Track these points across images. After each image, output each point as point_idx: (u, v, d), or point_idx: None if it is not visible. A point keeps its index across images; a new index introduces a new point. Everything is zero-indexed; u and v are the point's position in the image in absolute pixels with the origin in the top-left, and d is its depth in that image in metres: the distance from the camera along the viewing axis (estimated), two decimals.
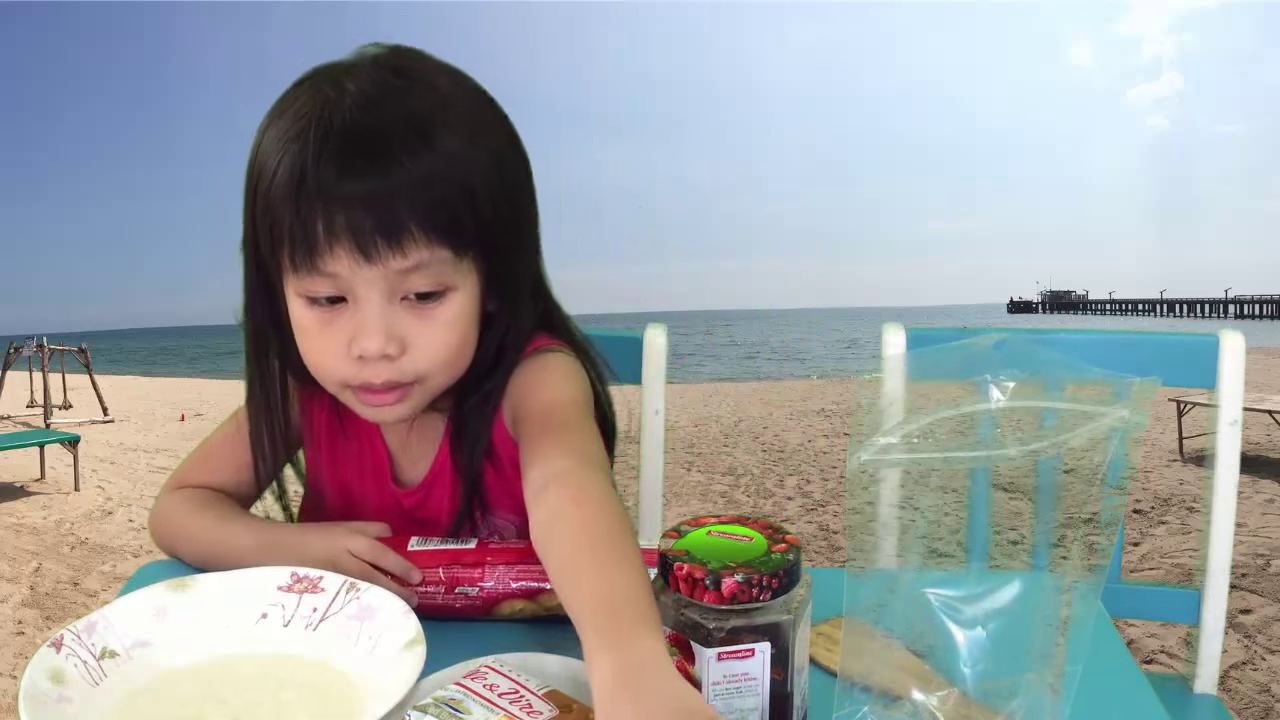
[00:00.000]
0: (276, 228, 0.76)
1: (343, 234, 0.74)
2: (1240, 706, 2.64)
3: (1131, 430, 0.62)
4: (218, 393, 15.62)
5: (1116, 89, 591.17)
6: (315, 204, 0.74)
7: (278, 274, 0.81)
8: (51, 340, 10.32)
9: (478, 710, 0.56)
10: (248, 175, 0.80)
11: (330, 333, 0.79)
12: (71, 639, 0.65)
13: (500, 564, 0.79)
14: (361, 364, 0.79)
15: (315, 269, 0.76)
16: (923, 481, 0.65)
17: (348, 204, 0.74)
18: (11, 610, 3.66)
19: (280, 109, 0.79)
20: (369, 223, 0.74)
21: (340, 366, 0.80)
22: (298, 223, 0.75)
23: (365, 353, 0.78)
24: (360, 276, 0.76)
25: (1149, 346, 1.29)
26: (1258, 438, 6.50)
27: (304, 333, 0.81)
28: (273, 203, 0.76)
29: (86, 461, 6.77)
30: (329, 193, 0.74)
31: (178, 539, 0.91)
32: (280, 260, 0.78)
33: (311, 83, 0.79)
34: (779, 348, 36.50)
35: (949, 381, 0.67)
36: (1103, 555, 0.62)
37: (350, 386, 0.82)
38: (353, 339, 0.78)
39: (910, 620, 0.65)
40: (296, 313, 0.81)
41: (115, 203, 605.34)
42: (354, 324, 0.78)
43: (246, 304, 0.87)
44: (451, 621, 0.79)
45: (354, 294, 0.77)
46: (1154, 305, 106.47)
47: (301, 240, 0.75)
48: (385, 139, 0.75)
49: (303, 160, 0.74)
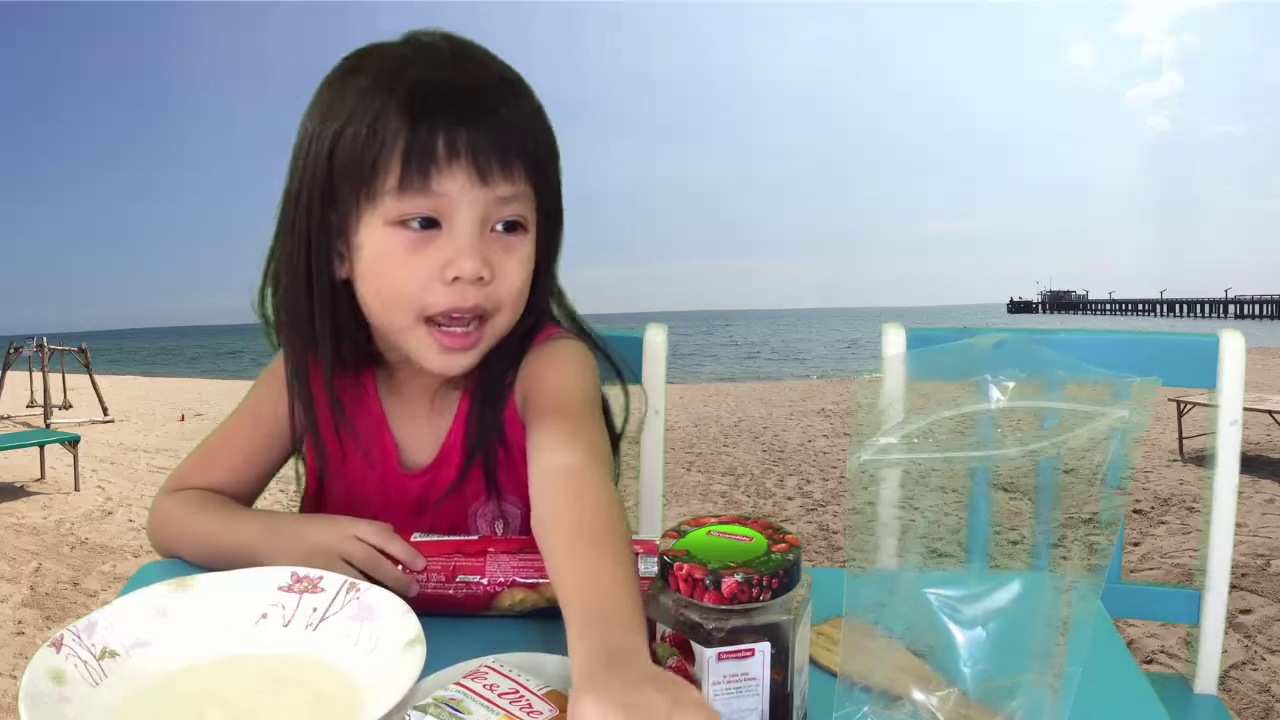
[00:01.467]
0: (381, 153, 0.79)
1: (464, 152, 0.79)
2: (1240, 706, 2.64)
3: (1131, 430, 0.62)
4: (218, 393, 15.62)
5: (1116, 89, 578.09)
6: (438, 121, 0.78)
7: (353, 214, 0.82)
8: (51, 340, 10.31)
9: (478, 710, 0.56)
10: (313, 132, 0.83)
11: (420, 257, 0.81)
12: (71, 639, 0.65)
13: (502, 553, 0.80)
14: (451, 288, 0.82)
15: (427, 186, 0.79)
16: (923, 481, 0.65)
17: (470, 124, 0.79)
18: (11, 610, 3.66)
19: (350, 72, 0.83)
20: (487, 144, 0.79)
21: (425, 293, 0.82)
22: (414, 140, 0.78)
23: (463, 273, 0.81)
24: (468, 198, 0.80)
25: (1149, 346, 1.29)
26: (1258, 438, 6.50)
27: (388, 260, 0.82)
28: (377, 130, 0.79)
29: (86, 461, 6.77)
30: (453, 113, 0.79)
31: (178, 538, 0.91)
32: (374, 189, 0.80)
33: (378, 52, 0.84)
34: (779, 348, 36.50)
35: (949, 381, 0.67)
36: (1103, 555, 0.62)
37: (430, 320, 0.83)
38: (448, 263, 0.81)
39: (910, 620, 0.65)
40: (380, 243, 0.82)
41: (115, 203, 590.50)
42: (449, 248, 0.81)
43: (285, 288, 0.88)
44: (452, 620, 0.79)
45: (452, 218, 0.81)
46: (1154, 305, 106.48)
47: (418, 157, 0.78)
48: (489, 81, 0.82)
49: (419, 87, 0.79)
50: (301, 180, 0.84)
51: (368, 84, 0.81)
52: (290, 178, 0.86)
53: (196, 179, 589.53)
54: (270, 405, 0.97)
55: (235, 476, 0.96)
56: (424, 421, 0.95)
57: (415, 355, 0.86)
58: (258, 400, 0.99)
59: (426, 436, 0.95)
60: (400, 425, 0.96)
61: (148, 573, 0.86)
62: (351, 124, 0.80)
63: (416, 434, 0.96)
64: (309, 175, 0.83)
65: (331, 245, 0.85)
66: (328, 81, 0.85)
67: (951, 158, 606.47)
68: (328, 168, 0.82)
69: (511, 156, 0.81)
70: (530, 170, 0.83)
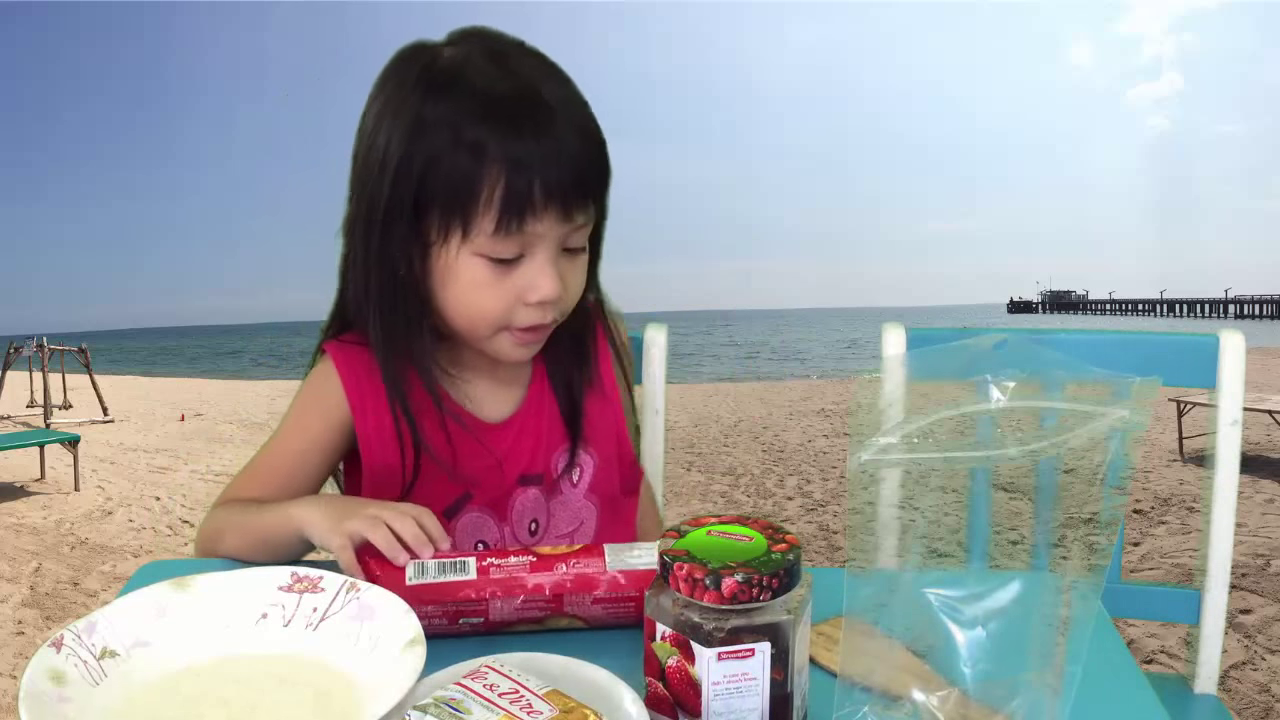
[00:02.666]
0: (480, 197, 0.84)
1: (555, 196, 0.85)
2: (1240, 706, 2.64)
3: (1131, 430, 0.62)
4: (218, 393, 15.62)
5: (1116, 89, 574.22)
6: (533, 171, 0.84)
7: (438, 237, 0.87)
8: (51, 340, 10.31)
9: (478, 710, 0.56)
10: (394, 147, 0.87)
11: (505, 285, 0.88)
12: (71, 639, 0.65)
13: (503, 597, 0.76)
14: (532, 308, 0.90)
15: (522, 230, 0.85)
16: (923, 481, 0.65)
17: (559, 169, 0.85)
18: (11, 610, 3.66)
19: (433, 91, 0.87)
20: (575, 189, 0.86)
21: (509, 313, 0.90)
22: (513, 188, 0.84)
23: (545, 297, 0.89)
24: (554, 233, 0.87)
25: (1149, 346, 1.29)
26: (1258, 438, 6.50)
27: (477, 286, 0.89)
28: (469, 174, 0.84)
29: (86, 461, 6.77)
30: (549, 163, 0.84)
31: (232, 539, 0.91)
32: (469, 226, 0.86)
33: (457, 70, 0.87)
34: (779, 348, 36.49)
35: (949, 381, 0.67)
36: (1103, 555, 0.62)
37: (509, 329, 0.91)
38: (530, 287, 0.88)
39: (910, 620, 0.65)
40: (467, 270, 0.88)
41: (115, 203, 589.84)
42: (532, 274, 0.88)
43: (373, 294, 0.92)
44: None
45: (535, 249, 0.88)
46: (1154, 305, 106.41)
47: (516, 205, 0.84)
48: (570, 112, 0.87)
49: (517, 135, 0.84)
50: (390, 193, 0.88)
51: (459, 115, 0.85)
52: (365, 185, 0.90)
53: (196, 179, 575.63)
54: (317, 416, 0.98)
55: (284, 490, 0.96)
56: (494, 388, 1.01)
57: (489, 350, 0.94)
58: (303, 414, 0.99)
59: (503, 395, 1.01)
60: (467, 392, 1.00)
61: (148, 573, 0.86)
62: (446, 158, 0.85)
63: (491, 399, 1.01)
64: (397, 192, 0.87)
65: (411, 250, 0.90)
66: (399, 87, 0.89)
67: (951, 158, 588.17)
68: (416, 189, 0.87)
69: (590, 189, 0.88)
70: (602, 192, 0.91)
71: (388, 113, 0.88)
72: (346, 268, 0.95)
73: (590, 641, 0.71)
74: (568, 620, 0.78)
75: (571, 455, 1.02)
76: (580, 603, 0.77)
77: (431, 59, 0.89)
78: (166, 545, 4.76)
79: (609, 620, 0.78)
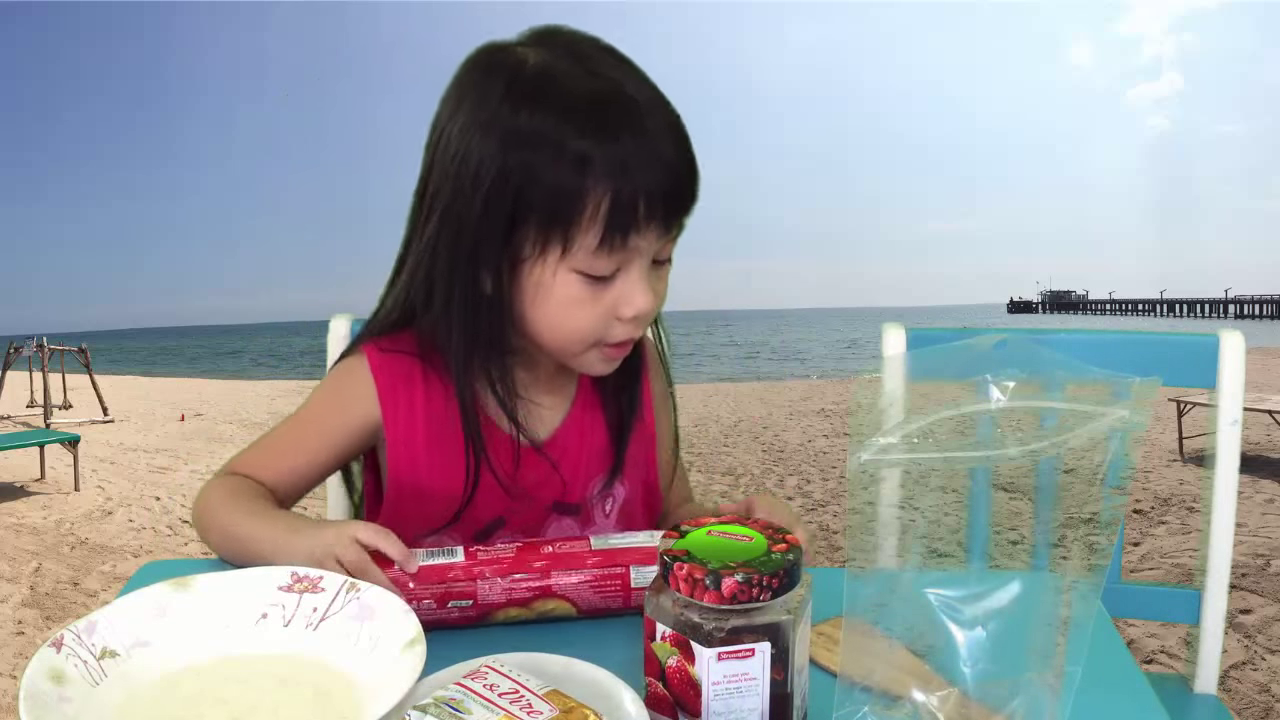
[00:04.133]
0: (585, 211, 0.81)
1: (658, 210, 0.83)
2: (1240, 706, 2.64)
3: (1131, 430, 0.62)
4: (218, 393, 15.62)
5: (1116, 89, 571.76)
6: (637, 184, 0.81)
7: (533, 251, 0.84)
8: (51, 340, 10.31)
9: (478, 710, 0.56)
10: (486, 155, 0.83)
11: (601, 300, 0.86)
12: (71, 639, 0.65)
13: (493, 575, 0.78)
14: (627, 323, 0.88)
15: (625, 245, 0.83)
16: (923, 481, 0.65)
17: (662, 178, 0.83)
18: (11, 610, 3.66)
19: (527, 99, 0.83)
20: (677, 203, 0.85)
21: (604, 329, 0.88)
22: (618, 204, 0.81)
23: (642, 313, 0.87)
24: (653, 247, 0.85)
25: (1149, 346, 1.29)
26: (1258, 438, 6.50)
27: (572, 303, 0.86)
28: (573, 188, 0.81)
29: (86, 461, 6.77)
30: (654, 177, 0.82)
31: (209, 526, 0.92)
32: (569, 242, 0.83)
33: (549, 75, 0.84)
34: (779, 348, 36.48)
35: (949, 381, 0.67)
36: (1103, 555, 0.62)
37: (599, 345, 0.89)
38: (625, 303, 0.86)
39: (910, 620, 0.65)
40: (563, 287, 0.85)
41: (115, 203, 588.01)
42: (627, 289, 0.86)
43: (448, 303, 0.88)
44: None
45: (629, 267, 0.85)
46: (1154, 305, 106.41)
47: (621, 220, 0.82)
48: (661, 112, 0.85)
49: (624, 148, 0.81)
50: (483, 209, 0.84)
51: (557, 126, 0.81)
52: (453, 201, 0.86)
53: (196, 179, 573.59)
54: (336, 412, 0.97)
55: (286, 476, 0.96)
56: (538, 409, 0.98)
57: (575, 365, 0.93)
58: (321, 406, 0.98)
59: (545, 419, 0.99)
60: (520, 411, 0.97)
61: (148, 573, 0.86)
62: (548, 171, 0.81)
63: (535, 418, 0.98)
64: (491, 208, 0.84)
65: (500, 266, 0.86)
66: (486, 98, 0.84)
67: (951, 158, 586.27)
68: (513, 204, 0.83)
69: (688, 203, 0.87)
70: (694, 204, 0.88)
71: (475, 126, 0.84)
72: (411, 279, 0.92)
73: (590, 641, 0.71)
74: (556, 603, 0.79)
75: (607, 485, 1.01)
76: (568, 583, 0.78)
77: (517, 66, 0.85)
78: (166, 545, 4.76)
79: (597, 603, 0.79)
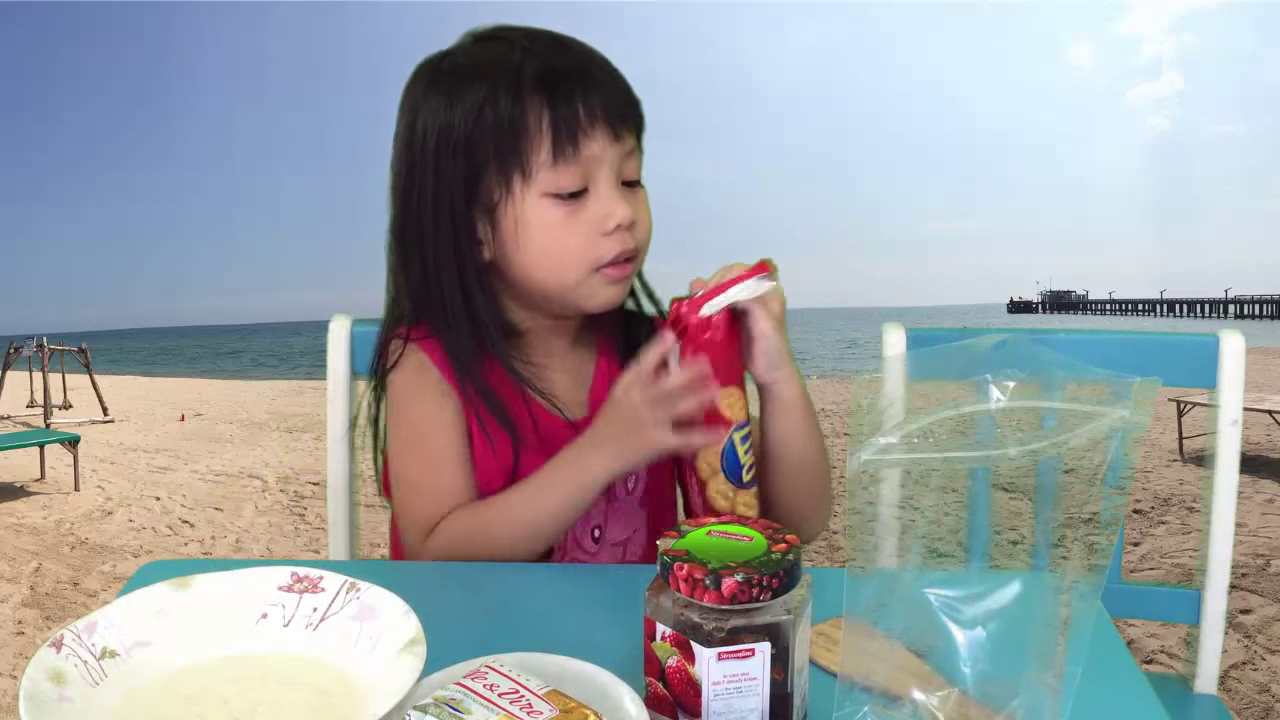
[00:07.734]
0: (529, 130, 0.88)
1: (600, 113, 0.89)
2: (1240, 706, 2.64)
3: (1131, 430, 0.62)
4: (218, 393, 15.62)
5: (1116, 89, 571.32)
6: (574, 91, 0.89)
7: (502, 196, 0.90)
8: (51, 340, 10.31)
9: (478, 710, 0.56)
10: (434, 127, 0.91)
11: (580, 220, 0.91)
12: (71, 639, 0.65)
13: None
14: (613, 236, 0.92)
15: (578, 152, 0.89)
16: (923, 481, 0.65)
17: (596, 89, 0.90)
18: (11, 610, 3.66)
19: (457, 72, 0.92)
20: (613, 104, 0.91)
21: (594, 247, 0.92)
22: (558, 113, 0.88)
23: (622, 220, 0.91)
24: (608, 156, 0.91)
25: (1149, 346, 1.29)
26: (1258, 438, 6.50)
27: (554, 227, 0.91)
28: (521, 110, 0.88)
29: (86, 461, 6.76)
30: (581, 82, 0.89)
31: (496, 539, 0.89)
32: (527, 165, 0.89)
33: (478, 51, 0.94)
34: None
35: (949, 381, 0.67)
36: (1103, 555, 0.62)
37: (598, 267, 0.93)
38: (605, 216, 0.91)
39: (910, 620, 0.65)
40: (540, 214, 0.91)
41: (115, 203, 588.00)
42: (598, 205, 0.91)
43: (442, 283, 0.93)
44: (452, 620, 0.79)
45: (597, 179, 0.91)
46: (1154, 305, 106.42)
47: (565, 126, 0.88)
48: (595, 54, 0.93)
49: (546, 66, 0.89)
50: (437, 175, 0.91)
51: (490, 73, 0.90)
52: (411, 179, 0.93)
53: (196, 179, 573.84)
54: (436, 410, 0.96)
55: (465, 486, 0.95)
56: (562, 382, 1.00)
57: (582, 301, 0.95)
58: (421, 414, 0.96)
59: (571, 392, 1.01)
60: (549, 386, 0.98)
61: (148, 573, 0.86)
62: (489, 111, 0.88)
63: (567, 396, 1.00)
64: (446, 169, 0.90)
65: (474, 232, 0.92)
66: (430, 83, 0.93)
67: (951, 158, 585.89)
68: (466, 158, 0.90)
69: (628, 113, 0.93)
70: (640, 121, 0.95)
71: (414, 115, 0.92)
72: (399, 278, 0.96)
73: (590, 642, 0.71)
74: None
75: None
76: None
77: (436, 57, 0.94)
78: (166, 545, 4.76)
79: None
